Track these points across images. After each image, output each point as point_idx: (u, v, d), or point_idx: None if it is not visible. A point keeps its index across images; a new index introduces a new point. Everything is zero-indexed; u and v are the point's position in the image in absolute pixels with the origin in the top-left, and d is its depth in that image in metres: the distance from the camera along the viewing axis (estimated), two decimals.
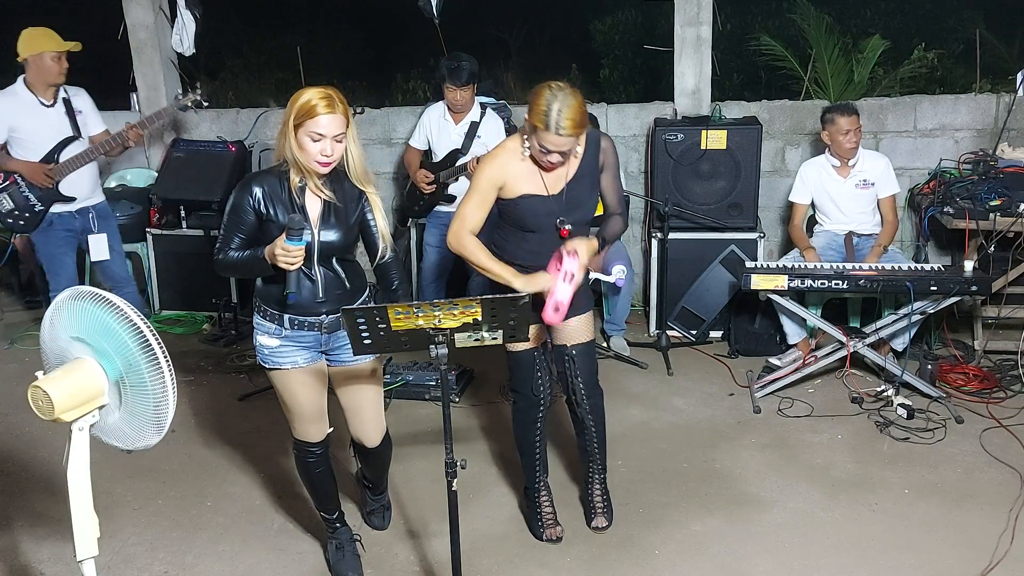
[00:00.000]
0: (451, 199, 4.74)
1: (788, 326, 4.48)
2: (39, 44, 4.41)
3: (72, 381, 2.07)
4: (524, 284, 2.83)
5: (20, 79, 4.49)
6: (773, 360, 4.53)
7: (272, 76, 10.72)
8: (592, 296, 3.31)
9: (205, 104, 4.95)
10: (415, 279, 5.20)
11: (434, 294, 4.98)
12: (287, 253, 2.48)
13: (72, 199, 4.59)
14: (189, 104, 4.82)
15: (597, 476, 3.25)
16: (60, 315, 2.14)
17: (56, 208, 4.56)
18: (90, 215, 4.68)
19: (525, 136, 2.84)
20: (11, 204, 4.49)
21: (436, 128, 4.80)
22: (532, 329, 2.99)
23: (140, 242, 5.61)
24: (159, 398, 2.10)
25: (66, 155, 4.53)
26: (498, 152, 2.94)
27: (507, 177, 2.88)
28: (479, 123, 4.70)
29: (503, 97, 5.57)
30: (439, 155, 4.77)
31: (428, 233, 4.91)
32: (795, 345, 4.51)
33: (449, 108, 4.76)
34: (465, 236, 2.90)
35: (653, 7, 8.97)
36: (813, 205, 4.77)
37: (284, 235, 2.48)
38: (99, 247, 4.76)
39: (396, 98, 9.88)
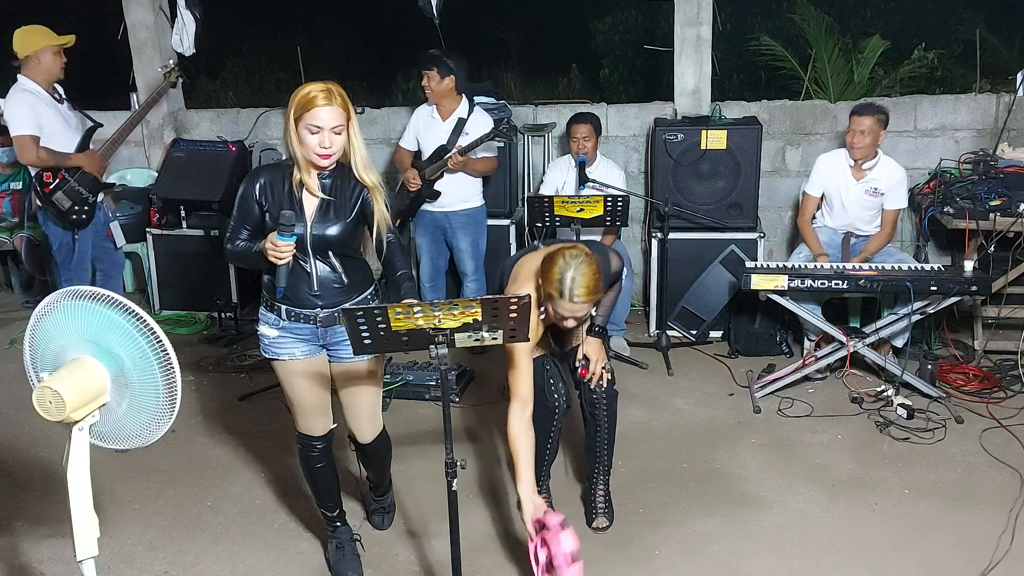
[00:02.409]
0: (436, 195, 4.76)
1: (807, 324, 4.45)
2: (37, 41, 4.41)
3: (79, 380, 2.07)
4: (526, 506, 2.71)
5: (22, 77, 4.46)
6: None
7: (272, 76, 10.73)
8: None
9: (181, 80, 5.22)
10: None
11: (431, 294, 4.98)
12: (275, 248, 2.53)
13: (112, 185, 4.87)
14: (171, 77, 5.10)
15: (601, 478, 3.25)
16: (52, 316, 2.14)
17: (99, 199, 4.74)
18: (105, 207, 4.88)
19: (541, 302, 2.82)
20: (68, 201, 4.54)
21: (424, 126, 4.81)
22: (537, 339, 2.99)
23: (140, 242, 5.61)
24: (170, 385, 2.11)
25: (93, 145, 4.68)
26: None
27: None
28: (466, 120, 4.71)
29: (503, 97, 5.57)
30: (426, 153, 4.78)
31: (418, 235, 4.93)
32: (816, 342, 4.49)
33: (427, 99, 4.78)
34: (516, 421, 2.76)
35: (653, 7, 8.97)
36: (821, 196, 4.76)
37: (276, 230, 2.53)
38: (118, 234, 5.06)
39: (396, 98, 9.89)
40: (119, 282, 5.09)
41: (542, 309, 2.82)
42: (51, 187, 4.48)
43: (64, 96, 4.63)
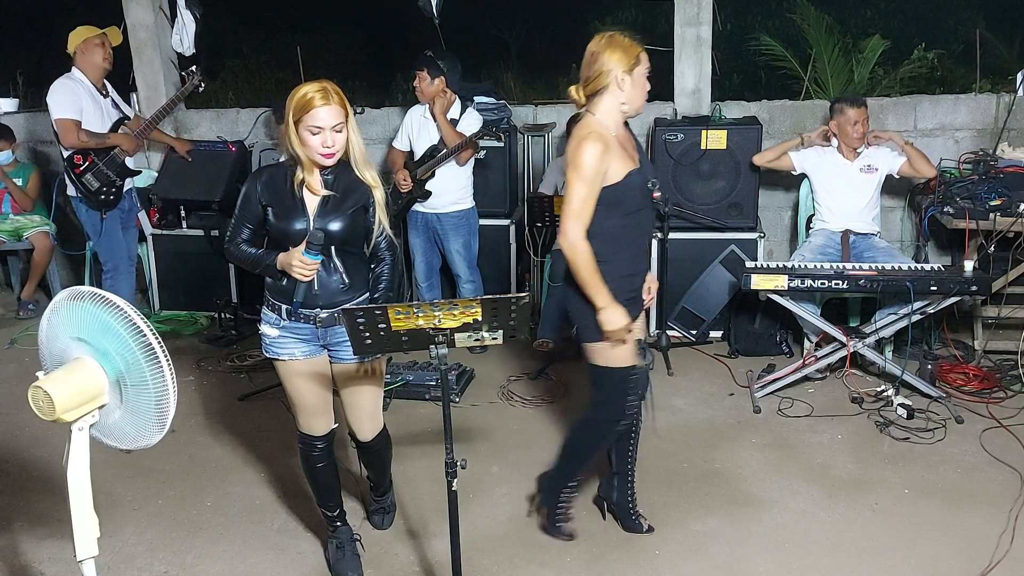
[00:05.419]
0: (427, 195, 4.77)
1: (806, 324, 4.46)
2: (80, 35, 4.74)
3: (73, 381, 2.07)
4: (611, 317, 2.72)
5: (73, 69, 4.75)
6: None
7: (272, 76, 10.71)
8: None
9: (202, 87, 5.20)
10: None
11: (428, 293, 4.99)
12: (303, 265, 2.59)
13: (138, 172, 5.07)
14: (192, 87, 5.11)
15: (632, 479, 3.20)
16: (57, 315, 2.14)
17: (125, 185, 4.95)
18: (133, 195, 5.10)
19: (623, 101, 2.75)
20: (97, 182, 4.76)
21: (416, 127, 4.85)
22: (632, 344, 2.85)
23: (140, 242, 5.61)
24: (161, 395, 2.09)
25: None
26: (592, 138, 2.68)
27: (610, 162, 2.71)
28: (458, 120, 4.74)
29: (503, 97, 5.57)
30: (419, 153, 4.81)
31: (411, 235, 4.94)
32: (816, 342, 4.50)
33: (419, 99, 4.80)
34: (582, 241, 2.71)
35: (653, 7, 8.97)
36: (813, 198, 4.78)
37: (303, 246, 2.59)
38: (145, 223, 5.39)
39: (396, 98, 9.86)
40: (133, 275, 5.15)
41: (622, 103, 2.76)
42: (81, 168, 4.72)
43: (110, 92, 4.88)
